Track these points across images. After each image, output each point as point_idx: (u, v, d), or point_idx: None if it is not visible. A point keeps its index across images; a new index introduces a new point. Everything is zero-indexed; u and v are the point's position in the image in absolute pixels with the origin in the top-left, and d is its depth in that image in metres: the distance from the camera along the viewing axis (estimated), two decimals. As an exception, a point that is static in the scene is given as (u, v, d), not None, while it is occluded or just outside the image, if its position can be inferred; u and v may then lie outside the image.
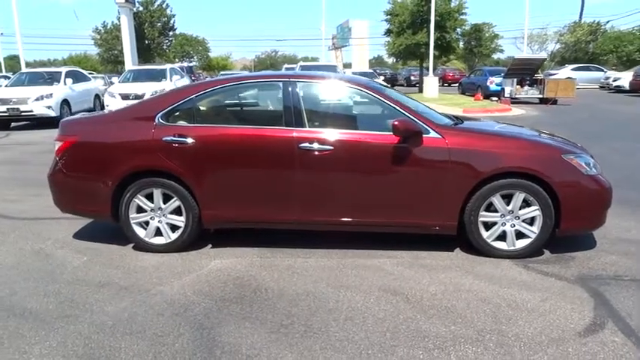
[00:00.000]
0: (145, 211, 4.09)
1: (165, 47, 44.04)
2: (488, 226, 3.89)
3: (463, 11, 24.70)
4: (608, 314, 3.01)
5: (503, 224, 3.86)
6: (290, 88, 3.96)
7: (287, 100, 3.94)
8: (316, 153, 3.82)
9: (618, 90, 25.34)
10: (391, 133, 3.83)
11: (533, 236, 3.83)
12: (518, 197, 3.78)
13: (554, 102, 18.64)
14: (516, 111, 16.58)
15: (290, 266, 3.82)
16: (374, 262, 3.87)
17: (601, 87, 28.00)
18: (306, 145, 3.82)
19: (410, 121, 3.76)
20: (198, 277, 3.65)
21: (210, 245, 4.26)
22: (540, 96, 19.11)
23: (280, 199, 3.94)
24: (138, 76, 16.52)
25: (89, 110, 17.10)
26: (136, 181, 4.01)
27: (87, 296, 3.35)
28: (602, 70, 29.70)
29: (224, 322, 2.96)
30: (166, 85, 15.54)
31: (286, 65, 25.19)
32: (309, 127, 3.92)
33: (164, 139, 3.95)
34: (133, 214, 4.09)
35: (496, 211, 3.84)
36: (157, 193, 4.03)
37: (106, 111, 4.78)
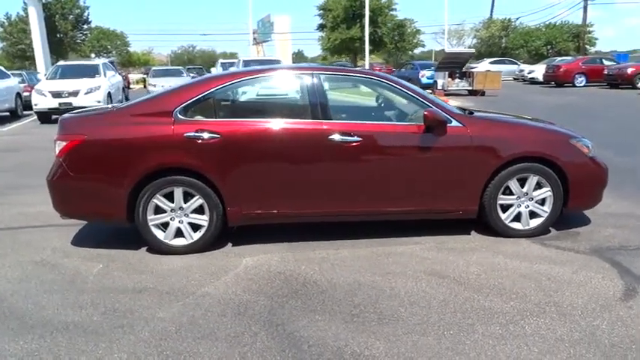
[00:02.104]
0: (164, 211, 3.89)
1: (79, 41, 41.17)
2: (504, 208, 4.14)
3: (393, 7, 25.54)
4: (634, 280, 3.34)
5: (519, 206, 4.13)
6: (315, 80, 3.94)
7: (313, 93, 3.92)
8: (346, 144, 3.84)
9: (532, 82, 27.49)
10: (414, 123, 3.97)
11: (545, 215, 4.13)
12: (532, 180, 4.06)
13: (483, 93, 19.87)
14: (452, 102, 17.43)
15: (325, 258, 3.82)
16: (403, 248, 3.99)
17: (515, 79, 30.18)
18: (336, 136, 3.83)
19: (437, 111, 3.90)
20: (237, 275, 3.55)
21: (230, 244, 4.14)
22: (470, 88, 20.26)
23: (310, 192, 3.93)
24: (67, 72, 15.32)
25: (10, 111, 15.67)
26: (155, 180, 3.81)
27: (129, 304, 3.15)
28: (516, 64, 32.01)
29: (293, 318, 2.93)
30: (101, 82, 14.65)
31: (221, 60, 24.60)
32: (336, 119, 3.94)
33: (186, 134, 3.77)
34: (151, 216, 3.87)
35: (512, 193, 4.09)
36: (178, 192, 3.85)
37: (108, 107, 4.46)
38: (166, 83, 19.70)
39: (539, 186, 4.10)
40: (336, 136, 3.83)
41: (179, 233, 3.95)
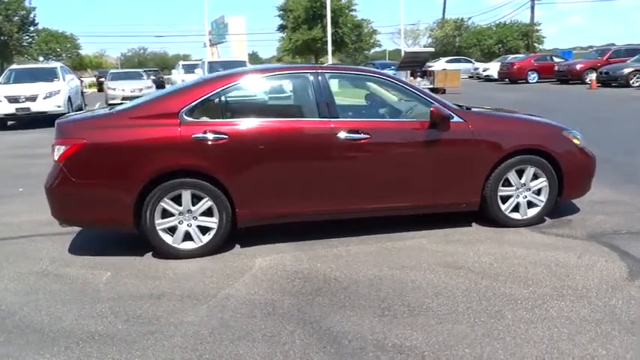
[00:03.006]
0: (172, 215, 3.81)
1: (26, 44, 39.27)
2: (503, 199, 4.29)
3: (353, 7, 25.81)
4: (635, 262, 3.55)
5: (517, 196, 4.29)
6: (320, 79, 3.96)
7: (319, 91, 3.94)
8: (354, 142, 3.89)
9: (488, 79, 28.46)
10: (418, 119, 4.06)
11: (542, 205, 4.32)
12: (530, 171, 4.24)
13: (444, 91, 20.36)
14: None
15: (338, 255, 3.85)
16: (411, 242, 4.07)
17: (470, 77, 31.15)
18: (344, 134, 3.87)
19: (442, 107, 4.00)
20: (255, 276, 3.53)
21: (238, 246, 4.10)
22: (431, 86, 20.70)
23: (319, 190, 3.94)
24: (22, 77, 14.60)
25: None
26: (162, 183, 3.72)
27: (151, 310, 3.07)
28: (471, 62, 33.05)
29: (325, 314, 2.94)
30: (61, 86, 14.06)
31: (183, 62, 24.09)
32: (342, 117, 3.97)
33: (194, 136, 3.71)
34: (158, 220, 3.78)
35: (510, 185, 4.25)
36: (186, 195, 3.78)
37: (107, 110, 4.31)
38: (127, 87, 19.31)
39: (535, 177, 4.28)
40: (344, 134, 3.87)
41: (187, 237, 3.88)
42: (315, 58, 28.03)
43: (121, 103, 17.36)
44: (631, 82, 19.62)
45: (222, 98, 3.90)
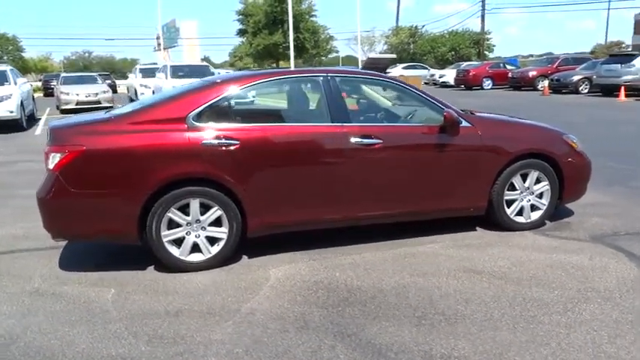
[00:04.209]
0: (179, 225, 3.60)
1: (-37, 46, 36.78)
2: (508, 203, 4.34)
3: (313, 13, 25.86)
4: (643, 262, 3.66)
5: (521, 200, 4.35)
6: (331, 83, 3.87)
7: (330, 95, 3.84)
8: (366, 147, 3.81)
9: (443, 85, 29.24)
10: (427, 124, 4.04)
11: (544, 208, 4.40)
12: (533, 175, 4.30)
13: (406, 97, 20.76)
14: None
15: (354, 263, 3.75)
16: (423, 248, 4.03)
17: (426, 83, 31.89)
18: (357, 139, 3.79)
19: (454, 112, 4.00)
20: (274, 288, 3.37)
21: (246, 257, 3.92)
22: (393, 92, 21.05)
23: (331, 197, 3.84)
24: (-32, 80, 13.63)
25: None
26: (169, 192, 3.51)
27: (172, 329, 2.86)
28: (427, 68, 33.86)
29: (360, 326, 2.83)
30: (12, 90, 13.19)
31: (139, 66, 23.26)
32: (354, 121, 3.89)
33: (204, 142, 3.52)
34: (165, 231, 3.56)
35: (515, 189, 4.30)
36: (195, 204, 3.58)
37: (102, 114, 4.02)
38: (81, 91, 18.46)
39: (537, 181, 4.35)
40: (357, 139, 3.79)
41: (194, 248, 3.68)
42: (277, 63, 27.90)
43: (76, 109, 16.61)
44: (580, 88, 20.67)
45: (231, 102, 3.73)
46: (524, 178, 4.31)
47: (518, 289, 3.25)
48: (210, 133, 3.56)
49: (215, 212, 3.62)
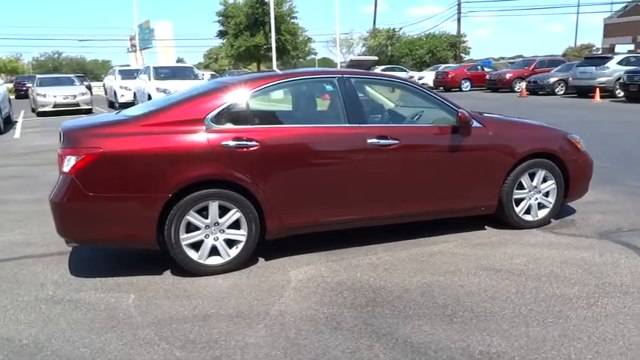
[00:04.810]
0: (198, 228, 3.55)
1: None
2: (516, 202, 4.42)
3: (294, 15, 25.84)
4: (652, 257, 3.79)
5: (529, 199, 4.44)
6: (346, 84, 3.88)
7: (347, 96, 3.85)
8: (383, 148, 3.84)
9: (423, 87, 29.55)
10: (440, 125, 4.10)
11: (550, 206, 4.50)
12: (540, 174, 4.40)
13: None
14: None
15: (372, 264, 3.77)
16: (438, 247, 4.07)
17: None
18: (374, 140, 3.81)
19: (467, 113, 4.05)
20: (298, 290, 3.36)
21: (262, 259, 3.89)
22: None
23: (349, 198, 3.84)
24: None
25: None
26: (189, 195, 3.46)
27: (204, 333, 2.82)
28: (405, 70, 34.17)
29: (394, 325, 2.85)
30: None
31: (119, 67, 22.79)
32: (371, 122, 3.91)
33: (224, 143, 3.49)
34: (183, 235, 3.51)
35: (523, 188, 4.39)
36: (214, 206, 3.54)
37: (117, 116, 3.94)
38: (59, 93, 18.03)
39: (544, 180, 4.45)
40: (374, 140, 3.81)
41: (212, 252, 3.63)
42: (258, 65, 27.78)
43: (54, 111, 16.27)
44: (556, 90, 21.23)
45: (249, 103, 3.70)
46: (531, 177, 4.40)
47: (539, 286, 3.32)
48: (229, 134, 3.53)
49: (234, 214, 3.59)
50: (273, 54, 22.62)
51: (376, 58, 27.81)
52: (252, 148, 3.54)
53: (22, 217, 5.26)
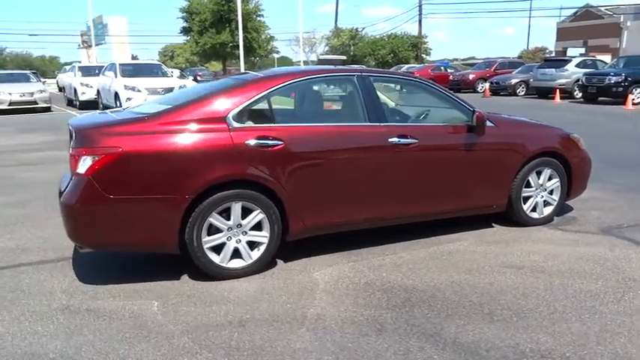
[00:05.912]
0: (220, 231, 3.42)
1: None
2: (524, 200, 4.51)
3: (260, 13, 25.54)
4: (658, 251, 3.95)
5: (536, 197, 4.54)
6: (366, 82, 3.84)
7: (367, 95, 3.81)
8: (405, 147, 3.82)
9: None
10: (455, 124, 4.13)
11: (555, 204, 4.62)
12: (547, 172, 4.51)
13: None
14: (335, 107, 18.18)
15: (395, 263, 3.75)
16: (455, 246, 4.10)
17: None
18: (395, 139, 3.78)
19: (482, 112, 4.09)
20: (328, 292, 3.29)
21: (281, 261, 3.79)
22: (344, 93, 21.29)
23: (373, 197, 3.81)
24: None
25: None
26: (211, 196, 3.32)
27: (245, 340, 2.71)
28: (369, 71, 34.53)
29: (438, 325, 2.83)
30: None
31: (79, 64, 21.80)
32: (391, 121, 3.89)
33: (247, 142, 3.37)
34: (205, 237, 3.37)
35: (530, 186, 4.49)
36: (236, 208, 3.42)
37: (131, 113, 3.73)
38: (15, 90, 17.11)
39: (549, 178, 4.57)
40: (394, 139, 3.79)
41: (234, 254, 3.51)
42: (223, 63, 27.30)
43: (8, 109, 15.57)
44: (517, 91, 21.98)
45: (271, 101, 3.59)
46: (538, 175, 4.50)
47: (565, 282, 3.39)
48: (253, 133, 3.41)
49: (257, 216, 3.48)
50: (241, 52, 22.27)
51: (344, 57, 27.85)
52: (276, 147, 3.44)
53: (7, 222, 4.93)
